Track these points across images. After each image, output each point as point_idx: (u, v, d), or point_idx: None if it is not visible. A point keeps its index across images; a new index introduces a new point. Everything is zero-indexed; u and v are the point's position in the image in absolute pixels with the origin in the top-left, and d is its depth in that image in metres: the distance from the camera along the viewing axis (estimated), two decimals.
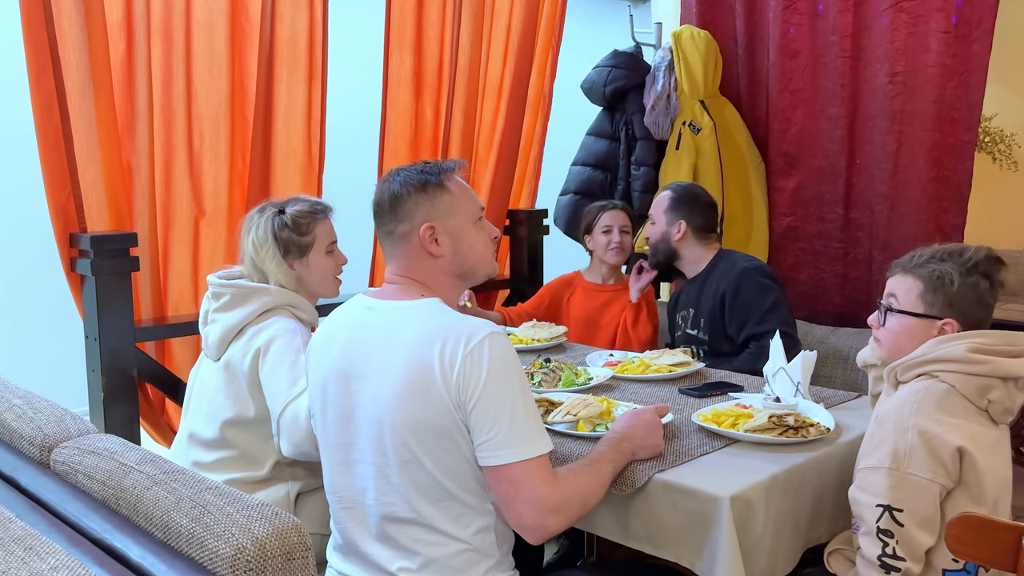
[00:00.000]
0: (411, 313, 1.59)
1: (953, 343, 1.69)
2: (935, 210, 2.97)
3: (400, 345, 1.54)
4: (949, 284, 1.73)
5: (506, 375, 1.50)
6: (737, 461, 1.77)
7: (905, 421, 1.64)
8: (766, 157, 3.48)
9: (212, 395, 2.09)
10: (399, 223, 1.64)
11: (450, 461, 1.53)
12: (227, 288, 2.09)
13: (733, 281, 2.69)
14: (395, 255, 1.68)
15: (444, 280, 1.67)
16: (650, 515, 1.70)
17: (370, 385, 1.57)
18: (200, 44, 2.76)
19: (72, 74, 2.46)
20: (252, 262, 2.12)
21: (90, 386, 2.59)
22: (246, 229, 2.14)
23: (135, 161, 2.64)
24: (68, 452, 1.48)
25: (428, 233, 1.63)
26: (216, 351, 2.09)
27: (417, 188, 1.64)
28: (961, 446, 1.61)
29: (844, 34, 3.12)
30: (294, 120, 2.99)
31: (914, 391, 1.68)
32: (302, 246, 2.12)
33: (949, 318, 1.74)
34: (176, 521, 1.21)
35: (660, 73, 3.49)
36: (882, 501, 1.61)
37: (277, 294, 2.09)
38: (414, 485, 1.54)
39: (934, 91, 2.91)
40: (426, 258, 1.65)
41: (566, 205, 3.66)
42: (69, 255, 2.55)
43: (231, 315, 2.07)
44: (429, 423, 1.50)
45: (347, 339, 1.64)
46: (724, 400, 2.15)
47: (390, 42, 3.29)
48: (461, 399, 1.49)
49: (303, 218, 2.14)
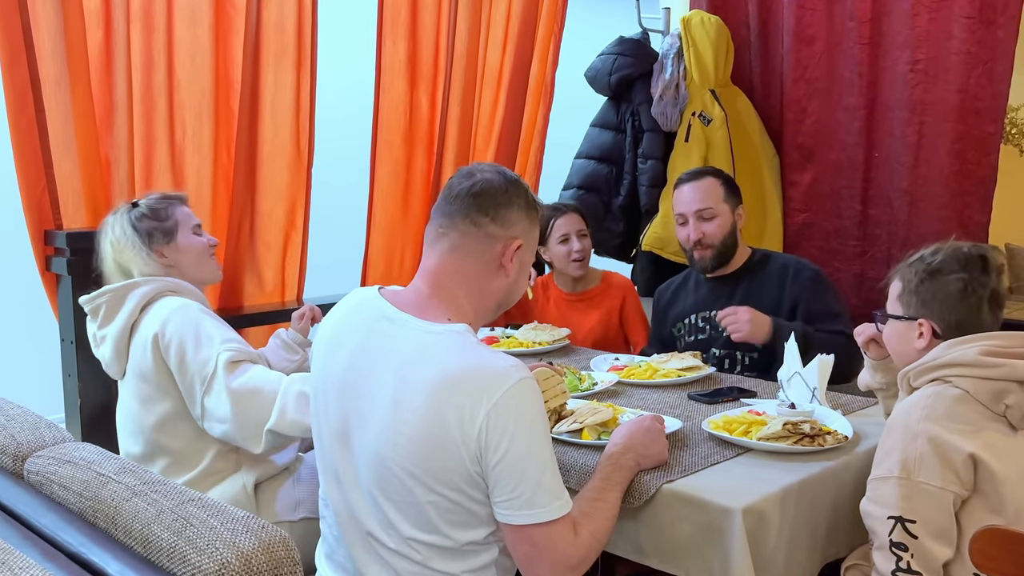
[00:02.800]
0: (434, 343, 1.50)
1: (964, 346, 1.69)
2: (958, 206, 2.97)
3: (418, 384, 1.47)
4: (919, 283, 1.77)
5: (532, 432, 1.47)
6: (750, 471, 1.77)
7: (914, 427, 1.63)
8: (780, 150, 3.48)
9: (128, 408, 2.09)
10: (494, 222, 1.57)
11: (455, 511, 1.51)
12: (99, 299, 2.08)
13: (808, 288, 2.58)
14: (457, 247, 1.58)
15: (489, 303, 1.63)
16: (658, 528, 1.69)
17: (377, 415, 1.51)
18: (182, 31, 2.76)
19: (47, 62, 2.46)
20: (115, 265, 2.11)
21: (66, 392, 2.59)
22: (101, 236, 2.14)
23: (114, 154, 2.64)
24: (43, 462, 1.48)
25: (516, 250, 1.60)
26: (118, 367, 2.09)
27: (527, 207, 1.62)
28: (973, 453, 1.60)
29: (862, 20, 3.12)
30: (281, 111, 2.99)
31: (924, 396, 1.68)
32: (166, 230, 2.13)
33: (923, 319, 1.76)
34: (157, 534, 1.21)
35: (668, 61, 3.49)
36: (893, 513, 1.60)
37: (151, 282, 2.07)
38: (412, 526, 1.52)
39: (957, 80, 2.91)
40: (492, 271, 1.60)
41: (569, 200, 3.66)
42: (44, 253, 2.55)
43: (115, 324, 2.06)
44: (437, 472, 1.47)
45: (356, 349, 1.58)
46: (736, 406, 2.15)
47: (383, 28, 3.29)
48: (482, 453, 1.45)
49: (159, 204, 2.16)
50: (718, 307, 2.65)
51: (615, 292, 3.11)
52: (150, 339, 1.99)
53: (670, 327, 2.84)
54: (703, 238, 2.64)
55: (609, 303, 3.10)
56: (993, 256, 1.78)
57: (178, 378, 1.99)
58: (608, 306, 3.09)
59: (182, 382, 1.98)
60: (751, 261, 2.70)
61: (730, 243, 2.66)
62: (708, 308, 2.72)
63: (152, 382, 2.02)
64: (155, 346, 1.99)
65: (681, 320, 2.80)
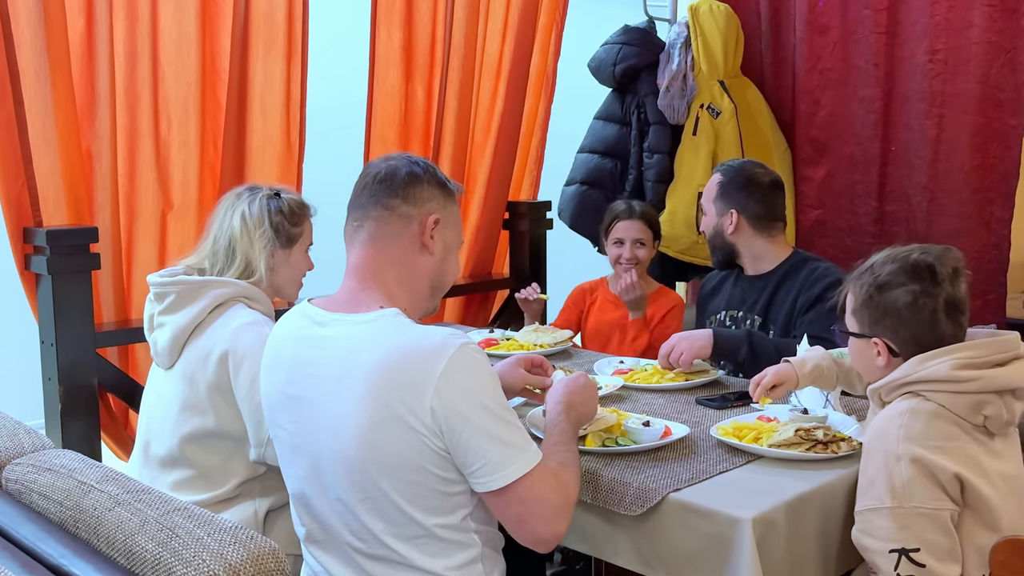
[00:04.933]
0: (367, 331, 1.56)
1: (935, 362, 1.67)
2: (979, 202, 2.98)
3: (358, 371, 1.52)
4: (867, 299, 1.75)
5: (483, 396, 1.51)
6: (760, 479, 1.77)
7: (895, 450, 1.63)
8: (792, 143, 3.48)
9: (166, 407, 2.07)
10: (405, 202, 1.63)
11: (425, 495, 1.53)
12: (171, 286, 2.07)
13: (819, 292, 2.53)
14: (377, 236, 1.64)
15: (421, 286, 1.68)
16: (664, 538, 1.69)
17: (327, 416, 1.55)
18: (167, 20, 2.76)
19: (26, 52, 2.46)
20: (229, 241, 2.09)
21: (46, 396, 2.60)
22: (230, 205, 2.12)
23: (96, 148, 2.64)
24: (21, 469, 1.48)
25: (433, 225, 1.64)
26: (168, 358, 2.07)
27: (438, 184, 1.68)
28: (958, 472, 1.61)
29: (879, 7, 3.12)
30: (271, 103, 2.99)
31: (898, 413, 1.67)
32: (290, 235, 2.13)
33: (876, 337, 1.75)
34: (141, 545, 1.21)
35: (675, 51, 3.49)
36: (894, 545, 1.59)
37: (229, 286, 2.06)
38: (386, 523, 1.54)
39: (978, 70, 2.92)
40: (416, 251, 1.65)
41: (572, 196, 3.66)
42: (23, 252, 2.55)
43: (180, 316, 2.05)
44: (399, 456, 1.50)
45: (293, 359, 1.63)
46: (746, 412, 2.15)
47: (377, 16, 3.30)
48: (442, 431, 1.49)
49: (299, 208, 2.16)
50: (745, 308, 2.70)
51: (662, 306, 3.10)
52: (218, 354, 1.98)
53: (706, 319, 2.87)
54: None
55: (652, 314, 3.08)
56: (944, 261, 1.73)
57: (242, 399, 1.97)
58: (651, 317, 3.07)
59: (247, 403, 1.96)
60: (786, 263, 2.68)
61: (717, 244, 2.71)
62: (737, 307, 2.73)
63: (203, 394, 2.01)
64: (222, 363, 1.98)
65: (714, 314, 2.83)
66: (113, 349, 2.74)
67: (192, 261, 2.14)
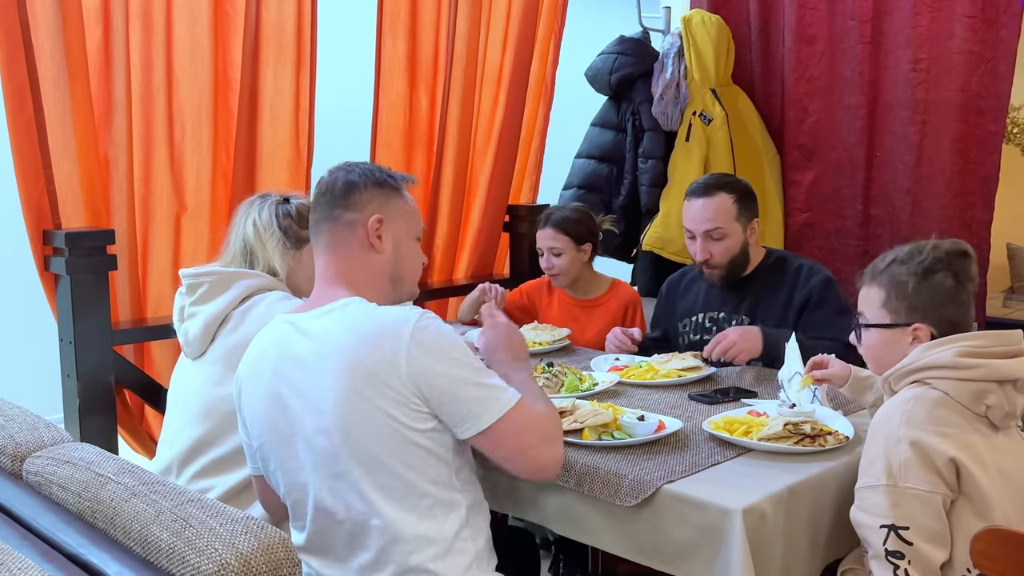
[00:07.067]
0: (336, 316, 1.62)
1: (939, 349, 1.68)
2: (960, 205, 2.98)
3: (332, 350, 1.58)
4: (908, 288, 1.75)
5: (452, 349, 1.58)
6: (750, 471, 1.77)
7: (895, 432, 1.63)
8: (781, 149, 3.49)
9: (198, 394, 2.06)
10: (347, 210, 1.70)
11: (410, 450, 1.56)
12: (204, 277, 2.08)
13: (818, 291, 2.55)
14: (331, 244, 1.71)
15: (379, 281, 1.72)
16: (658, 529, 1.69)
17: (310, 398, 1.60)
18: (181, 30, 2.76)
19: (46, 61, 2.46)
20: (245, 245, 2.12)
21: (65, 392, 2.59)
22: (244, 213, 2.15)
23: (113, 154, 2.64)
24: (41, 462, 1.48)
25: (376, 226, 1.70)
26: (199, 346, 2.07)
27: (375, 183, 1.73)
28: (955, 457, 1.61)
29: (864, 19, 3.12)
30: (281, 111, 2.99)
31: (904, 399, 1.68)
32: (300, 238, 2.14)
33: (917, 323, 1.75)
34: (156, 535, 1.21)
35: (669, 60, 3.49)
36: (885, 521, 1.60)
37: (258, 277, 2.08)
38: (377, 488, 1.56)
39: (959, 79, 2.92)
40: (366, 252, 1.71)
41: (569, 200, 3.67)
42: (43, 253, 2.55)
43: (212, 305, 2.05)
44: (380, 421, 1.54)
45: (276, 358, 1.67)
46: (737, 407, 2.15)
47: (383, 28, 3.29)
48: (420, 390, 1.55)
49: (307, 211, 2.16)
50: (727, 309, 2.66)
51: (619, 303, 3.08)
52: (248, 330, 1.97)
53: (677, 320, 2.81)
54: (710, 259, 2.60)
55: (613, 312, 3.07)
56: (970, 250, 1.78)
57: None
58: (612, 315, 3.06)
59: None
60: (765, 263, 2.66)
61: (740, 261, 2.61)
62: (717, 309, 2.70)
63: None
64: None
65: (689, 316, 2.78)
66: (129, 347, 2.74)
67: (219, 265, 2.15)
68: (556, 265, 3.01)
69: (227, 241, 2.18)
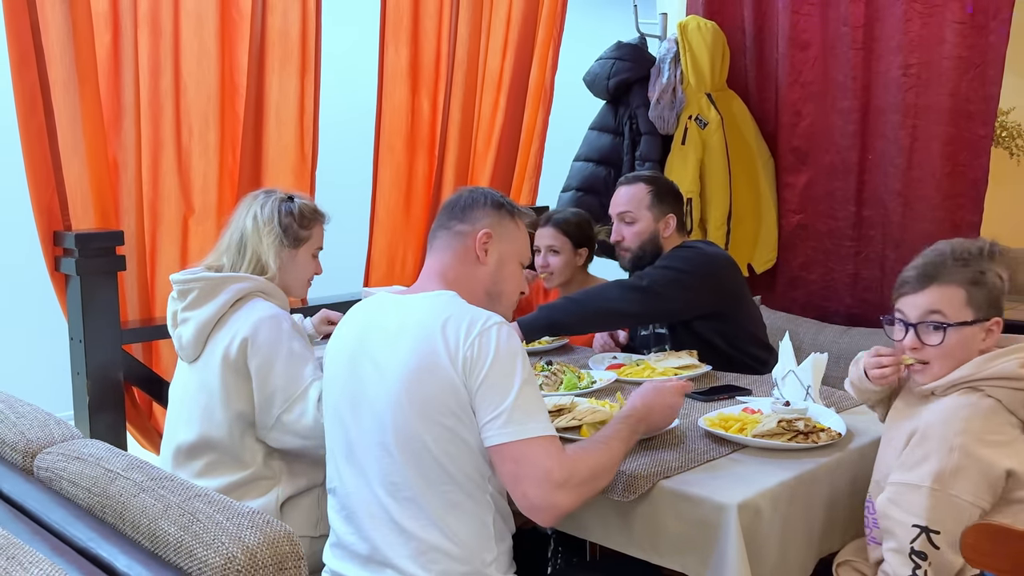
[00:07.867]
0: (426, 302, 1.70)
1: (1002, 360, 1.66)
2: (950, 207, 2.97)
3: (409, 328, 1.64)
4: (987, 282, 1.71)
5: (512, 359, 1.59)
6: (745, 468, 1.77)
7: (952, 440, 1.60)
8: (775, 152, 3.48)
9: (193, 396, 2.07)
10: (462, 223, 1.79)
11: (450, 438, 1.58)
12: (194, 283, 2.08)
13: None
14: (441, 248, 1.80)
15: (476, 291, 1.77)
16: (654, 523, 1.70)
17: (380, 368, 1.65)
18: (189, 36, 2.77)
19: (56, 66, 2.46)
20: (241, 236, 2.12)
21: (75, 390, 2.60)
22: (246, 206, 2.15)
23: (121, 157, 2.65)
24: (52, 458, 1.49)
25: (484, 239, 1.78)
26: (192, 351, 2.08)
27: (493, 205, 1.82)
28: (1011, 468, 1.59)
29: (856, 25, 3.12)
30: (286, 115, 3.00)
31: (961, 406, 1.65)
32: (298, 238, 2.15)
33: (995, 317, 1.73)
34: (164, 529, 1.21)
35: (665, 65, 3.49)
36: (919, 521, 1.58)
37: (248, 280, 2.08)
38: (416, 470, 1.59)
39: (949, 84, 2.91)
40: (471, 262, 1.78)
41: (568, 202, 3.66)
42: (53, 254, 2.55)
43: (203, 310, 2.06)
44: (435, 402, 1.58)
45: (363, 324, 1.75)
46: (731, 404, 2.15)
47: (386, 34, 3.30)
48: (467, 377, 1.58)
49: (309, 212, 2.18)
50: None
51: None
52: (240, 340, 2.00)
53: None
54: (621, 241, 2.71)
55: None
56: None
57: (257, 386, 2.00)
58: None
59: (260, 390, 2.00)
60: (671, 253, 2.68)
61: (650, 249, 2.67)
62: None
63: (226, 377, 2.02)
64: (242, 348, 2.00)
65: None
66: (138, 345, 2.75)
67: (211, 260, 2.16)
68: (552, 264, 3.02)
69: (223, 234, 2.18)
